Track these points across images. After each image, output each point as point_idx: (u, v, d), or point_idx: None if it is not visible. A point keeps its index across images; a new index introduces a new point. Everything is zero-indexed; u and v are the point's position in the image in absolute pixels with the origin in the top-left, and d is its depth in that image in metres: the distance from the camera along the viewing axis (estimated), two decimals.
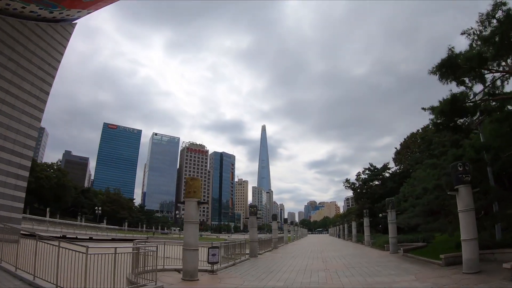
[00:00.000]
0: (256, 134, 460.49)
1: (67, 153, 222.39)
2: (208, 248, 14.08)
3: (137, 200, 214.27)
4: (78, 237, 40.85)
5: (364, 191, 54.87)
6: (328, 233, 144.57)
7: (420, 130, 53.45)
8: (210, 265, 13.96)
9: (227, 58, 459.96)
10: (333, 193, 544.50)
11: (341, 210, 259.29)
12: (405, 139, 55.63)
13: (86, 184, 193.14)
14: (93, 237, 43.12)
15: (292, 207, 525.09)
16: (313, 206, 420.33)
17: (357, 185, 55.28)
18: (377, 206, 45.23)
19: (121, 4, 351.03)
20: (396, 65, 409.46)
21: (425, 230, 21.74)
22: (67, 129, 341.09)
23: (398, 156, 54.79)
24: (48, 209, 58.57)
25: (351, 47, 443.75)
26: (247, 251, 22.32)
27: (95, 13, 22.25)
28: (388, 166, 52.05)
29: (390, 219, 23.61)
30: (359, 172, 54.89)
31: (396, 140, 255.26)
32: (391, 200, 24.73)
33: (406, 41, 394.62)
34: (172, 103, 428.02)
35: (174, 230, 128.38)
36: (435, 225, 18.55)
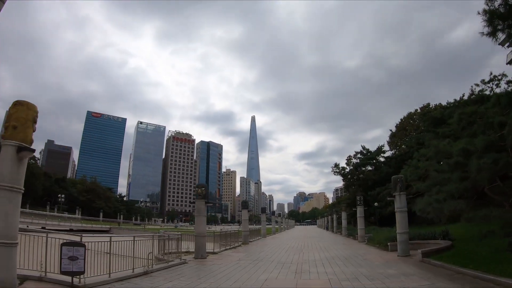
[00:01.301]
0: (246, 125, 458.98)
1: (49, 143, 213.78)
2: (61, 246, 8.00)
3: (122, 191, 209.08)
4: (29, 226, 35.52)
5: (355, 177, 50.41)
6: (316, 224, 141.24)
7: (419, 110, 49.13)
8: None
9: (218, 49, 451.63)
10: (322, 184, 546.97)
11: (330, 201, 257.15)
12: (401, 119, 51.18)
13: (69, 174, 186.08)
14: (46, 227, 37.84)
15: (282, 198, 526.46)
16: (302, 197, 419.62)
17: (348, 170, 50.71)
18: (370, 194, 40.84)
19: None
20: (387, 59, 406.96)
21: (469, 220, 12.89)
22: (56, 120, 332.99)
23: (394, 139, 50.30)
24: None
25: (342, 40, 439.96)
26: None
27: (85, 2, 16.50)
28: (383, 150, 47.74)
29: (399, 206, 15.70)
30: (349, 156, 50.30)
31: (386, 133, 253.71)
32: (400, 179, 16.21)
33: (397, 35, 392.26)
34: (162, 94, 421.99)
35: (156, 221, 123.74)
36: (495, 212, 11.26)
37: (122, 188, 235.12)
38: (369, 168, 48.96)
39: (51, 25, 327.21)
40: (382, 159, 48.15)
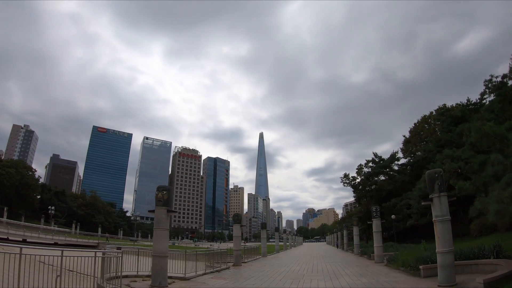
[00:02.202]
0: (254, 142, 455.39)
1: (55, 157, 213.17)
2: None
3: (128, 207, 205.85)
4: (10, 238, 32.66)
5: (367, 188, 46.34)
6: (325, 241, 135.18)
7: (434, 112, 45.31)
8: None
9: (226, 65, 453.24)
10: (331, 200, 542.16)
11: (340, 217, 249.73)
12: (415, 124, 47.28)
13: (74, 189, 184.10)
14: (28, 240, 34.73)
15: (291, 215, 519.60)
16: (311, 213, 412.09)
17: (359, 181, 46.68)
18: (385, 206, 36.84)
19: (120, 11, 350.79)
20: (394, 72, 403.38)
21: None
22: (65, 136, 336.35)
23: (408, 146, 46.30)
24: (5, 209, 50.42)
25: (349, 54, 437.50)
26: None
27: (94, 19, 14.06)
28: (397, 157, 43.79)
29: (440, 212, 10.86)
30: (360, 165, 46.41)
31: (394, 146, 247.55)
32: (438, 174, 11.24)
33: (403, 47, 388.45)
34: (170, 111, 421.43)
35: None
36: None
37: (128, 204, 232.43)
38: (382, 177, 45.02)
39: (60, 41, 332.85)
40: (396, 168, 44.24)
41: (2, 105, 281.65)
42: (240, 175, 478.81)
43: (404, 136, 49.34)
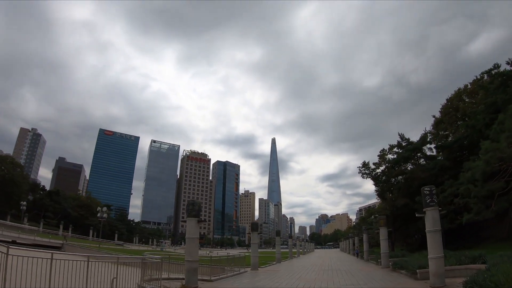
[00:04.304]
0: (268, 148, 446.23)
1: (60, 160, 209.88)
2: None
3: (135, 211, 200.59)
4: None
5: (392, 180, 38.31)
6: (339, 247, 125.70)
7: (469, 85, 37.16)
8: None
9: (239, 71, 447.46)
10: (345, 206, 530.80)
11: (354, 223, 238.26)
12: (447, 100, 39.05)
13: (81, 193, 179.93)
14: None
15: (304, 221, 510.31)
16: (324, 219, 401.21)
17: (382, 170, 38.64)
18: (419, 201, 29.09)
19: (133, 18, 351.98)
20: (407, 76, 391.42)
21: None
22: (79, 142, 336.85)
23: (441, 126, 37.93)
24: None
25: (362, 58, 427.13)
26: None
27: (107, 27, 8.05)
28: (428, 139, 35.77)
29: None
30: (383, 150, 38.45)
31: None
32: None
33: (416, 51, 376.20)
34: (183, 117, 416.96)
35: (161, 242, 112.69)
36: None
37: (134, 208, 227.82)
38: (410, 166, 37.03)
39: (73, 49, 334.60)
40: (428, 153, 36.23)
41: (16, 112, 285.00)
42: (254, 181, 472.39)
43: (434, 116, 41.24)
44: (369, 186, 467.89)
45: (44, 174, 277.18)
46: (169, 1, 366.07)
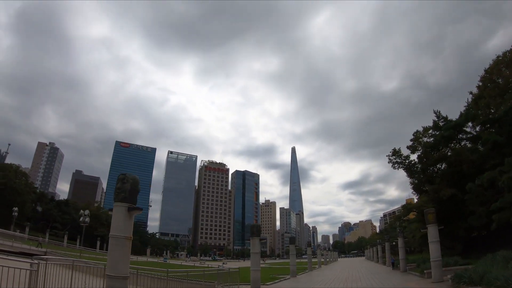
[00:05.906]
0: (288, 157, 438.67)
1: (77, 173, 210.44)
2: None
3: (153, 224, 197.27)
4: None
5: (432, 168, 31.81)
6: (364, 255, 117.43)
7: (508, 53, 30.51)
8: None
9: (257, 81, 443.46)
10: (368, 213, 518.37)
11: (378, 230, 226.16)
12: (485, 70, 32.35)
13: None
14: None
15: (327, 230, 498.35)
16: (347, 227, 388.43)
17: (418, 156, 32.20)
18: (472, 189, 23.11)
19: (150, 34, 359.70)
20: (425, 78, 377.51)
21: None
22: (101, 157, 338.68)
23: (482, 102, 31.19)
24: None
25: (378, 62, 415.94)
26: None
27: (125, 43, 4.03)
28: (472, 115, 29.30)
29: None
30: (417, 132, 32.17)
31: None
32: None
33: (432, 52, 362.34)
34: (203, 130, 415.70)
35: (177, 254, 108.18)
36: None
37: (153, 221, 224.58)
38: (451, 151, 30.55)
39: (93, 66, 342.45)
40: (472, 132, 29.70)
41: (38, 129, 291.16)
42: (275, 191, 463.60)
43: (470, 92, 34.56)
44: (392, 192, 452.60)
45: (64, 188, 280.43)
46: (184, 15, 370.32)
